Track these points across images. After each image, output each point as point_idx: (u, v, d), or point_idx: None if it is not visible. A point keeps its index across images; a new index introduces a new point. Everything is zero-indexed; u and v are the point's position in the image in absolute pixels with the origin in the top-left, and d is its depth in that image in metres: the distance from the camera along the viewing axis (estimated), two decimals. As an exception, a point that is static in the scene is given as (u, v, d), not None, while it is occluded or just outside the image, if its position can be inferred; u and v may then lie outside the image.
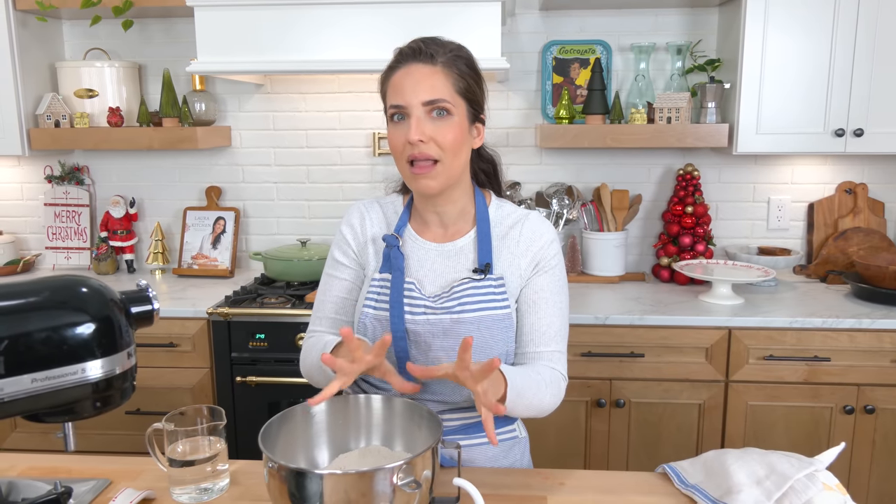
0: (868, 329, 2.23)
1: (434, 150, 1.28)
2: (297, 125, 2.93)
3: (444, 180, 1.31)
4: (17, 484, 1.22)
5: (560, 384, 1.35)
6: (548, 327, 1.35)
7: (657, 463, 2.36)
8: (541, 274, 1.37)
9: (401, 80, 1.29)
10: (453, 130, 1.29)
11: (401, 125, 1.30)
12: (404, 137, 1.28)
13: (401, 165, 1.33)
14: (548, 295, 1.36)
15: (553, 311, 1.37)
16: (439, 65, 1.29)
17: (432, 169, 1.29)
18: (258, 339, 2.40)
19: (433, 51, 1.29)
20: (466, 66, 1.32)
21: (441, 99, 1.27)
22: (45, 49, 2.82)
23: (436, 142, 1.28)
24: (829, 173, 2.82)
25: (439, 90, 1.28)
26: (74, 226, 3.01)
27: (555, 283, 1.38)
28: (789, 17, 2.40)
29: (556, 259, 1.39)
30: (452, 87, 1.29)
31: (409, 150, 1.28)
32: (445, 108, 1.28)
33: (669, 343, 2.30)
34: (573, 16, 2.78)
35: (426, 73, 1.28)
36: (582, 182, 2.88)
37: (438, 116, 1.28)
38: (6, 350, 0.79)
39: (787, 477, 1.15)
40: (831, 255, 2.75)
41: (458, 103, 1.30)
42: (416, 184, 1.31)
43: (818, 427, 2.31)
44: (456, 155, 1.31)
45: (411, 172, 1.30)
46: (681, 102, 2.52)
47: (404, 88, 1.28)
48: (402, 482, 1.01)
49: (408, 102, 1.27)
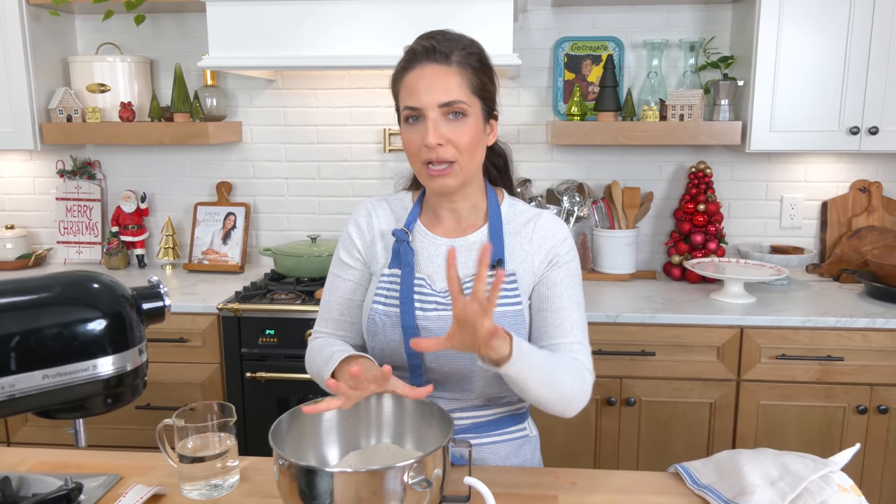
0: (882, 329, 2.21)
1: (451, 153, 1.26)
2: (307, 121, 2.93)
3: (460, 179, 1.30)
4: (28, 479, 1.22)
5: (584, 374, 1.29)
6: (563, 319, 1.33)
7: (668, 462, 2.35)
8: (554, 269, 1.36)
9: (415, 82, 1.27)
10: (469, 131, 1.28)
11: (416, 127, 1.28)
12: (420, 140, 1.27)
13: (416, 166, 1.32)
14: (562, 289, 1.35)
15: (568, 303, 1.34)
16: (454, 64, 1.27)
17: (450, 170, 1.28)
18: (268, 335, 2.40)
19: (447, 49, 1.27)
20: (479, 63, 1.31)
21: (457, 101, 1.26)
22: (58, 43, 2.83)
23: (452, 143, 1.26)
24: (843, 171, 2.79)
25: (455, 91, 1.26)
26: (86, 220, 3.02)
27: (569, 277, 1.36)
28: (804, 14, 2.38)
29: (570, 255, 1.38)
30: (467, 86, 1.28)
31: (426, 153, 1.27)
32: (461, 110, 1.27)
33: (681, 342, 2.29)
34: (585, 12, 2.76)
35: (441, 74, 1.26)
36: (593, 179, 2.86)
37: (454, 118, 1.27)
38: (17, 346, 0.79)
39: (801, 478, 1.14)
40: (845, 253, 2.73)
41: (474, 103, 1.29)
42: (433, 184, 1.30)
43: (831, 427, 2.29)
44: (472, 155, 1.30)
45: (428, 174, 1.29)
46: (693, 99, 2.51)
47: (419, 90, 1.26)
48: (413, 481, 1.00)
49: (423, 104, 1.25)
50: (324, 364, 1.32)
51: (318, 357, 1.36)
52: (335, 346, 1.37)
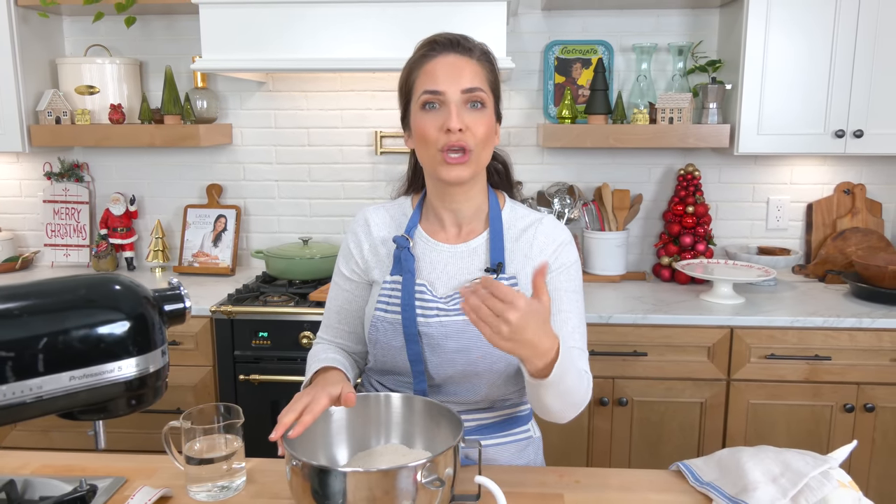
0: (868, 328, 2.25)
1: (470, 140, 1.28)
2: (298, 123, 2.93)
3: (474, 170, 1.31)
4: (33, 482, 1.22)
5: (588, 382, 1.30)
6: (564, 323, 1.34)
7: (659, 461, 2.38)
8: (556, 273, 1.37)
9: (437, 68, 1.29)
10: (486, 122, 1.30)
11: (435, 113, 1.29)
12: (439, 125, 1.27)
13: (431, 154, 1.30)
14: (563, 294, 1.36)
15: (569, 306, 1.35)
16: (475, 59, 1.31)
17: (466, 158, 1.28)
18: (261, 338, 2.40)
19: (468, 45, 1.32)
20: (492, 64, 1.35)
21: (479, 87, 1.29)
22: (46, 45, 2.81)
23: (472, 132, 1.28)
24: (828, 174, 2.84)
25: (477, 80, 1.29)
26: (74, 223, 2.99)
27: (570, 281, 1.38)
28: (790, 19, 2.42)
29: (571, 259, 1.39)
30: (486, 81, 1.31)
31: (446, 138, 1.27)
32: (481, 100, 1.29)
33: (672, 342, 2.32)
34: (575, 16, 2.79)
35: (464, 63, 1.29)
36: (583, 182, 2.89)
37: (473, 108, 1.29)
38: (45, 348, 0.79)
39: (802, 474, 1.16)
40: (830, 254, 2.78)
41: (490, 97, 1.32)
42: (449, 173, 1.29)
43: (819, 425, 2.33)
44: (485, 148, 1.32)
45: (445, 160, 1.28)
46: (683, 103, 2.54)
47: (442, 76, 1.28)
48: (427, 480, 1.01)
49: (446, 89, 1.27)
50: (306, 377, 1.37)
51: (310, 365, 1.40)
52: (322, 355, 1.40)
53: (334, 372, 1.31)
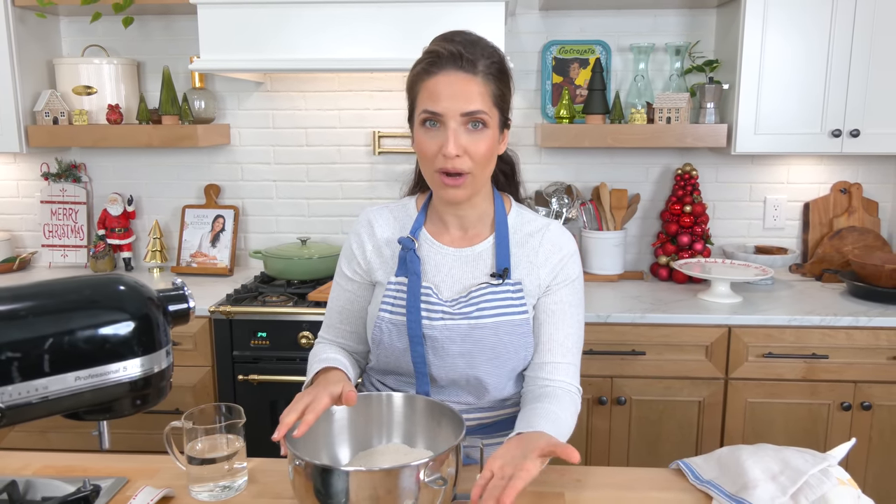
0: (865, 327, 2.26)
1: (467, 164, 1.26)
2: (296, 123, 2.93)
3: (471, 190, 1.31)
4: (35, 483, 1.22)
5: (576, 400, 1.35)
6: (565, 338, 1.36)
7: (658, 460, 2.38)
8: (560, 286, 1.38)
9: (438, 87, 1.25)
10: (486, 142, 1.27)
11: (434, 133, 1.27)
12: (437, 146, 1.26)
13: (428, 171, 1.31)
14: (566, 307, 1.37)
15: (571, 321, 1.37)
16: (479, 75, 1.25)
17: (462, 181, 1.28)
18: (260, 338, 2.40)
19: (472, 56, 1.25)
20: (500, 72, 1.30)
21: (480, 111, 1.25)
22: (43, 45, 2.80)
23: (469, 154, 1.26)
24: (824, 173, 2.85)
25: (478, 101, 1.25)
26: (71, 223, 2.99)
27: (573, 295, 1.38)
28: (787, 19, 2.43)
29: (575, 271, 1.39)
30: (490, 97, 1.27)
31: (442, 162, 1.26)
32: (482, 120, 1.26)
33: (670, 341, 2.32)
34: (573, 16, 2.79)
35: (465, 83, 1.24)
36: (581, 181, 2.90)
37: (474, 129, 1.26)
38: (50, 348, 0.79)
39: (801, 472, 1.17)
40: (826, 254, 2.79)
41: (493, 114, 1.28)
42: (445, 193, 1.30)
43: (816, 424, 2.34)
44: (485, 167, 1.31)
45: (441, 182, 1.28)
46: (680, 103, 2.55)
47: (442, 96, 1.24)
48: (430, 479, 1.02)
49: (445, 111, 1.24)
50: (307, 376, 1.36)
51: (312, 365, 1.39)
52: (323, 355, 1.40)
53: (335, 371, 1.32)
